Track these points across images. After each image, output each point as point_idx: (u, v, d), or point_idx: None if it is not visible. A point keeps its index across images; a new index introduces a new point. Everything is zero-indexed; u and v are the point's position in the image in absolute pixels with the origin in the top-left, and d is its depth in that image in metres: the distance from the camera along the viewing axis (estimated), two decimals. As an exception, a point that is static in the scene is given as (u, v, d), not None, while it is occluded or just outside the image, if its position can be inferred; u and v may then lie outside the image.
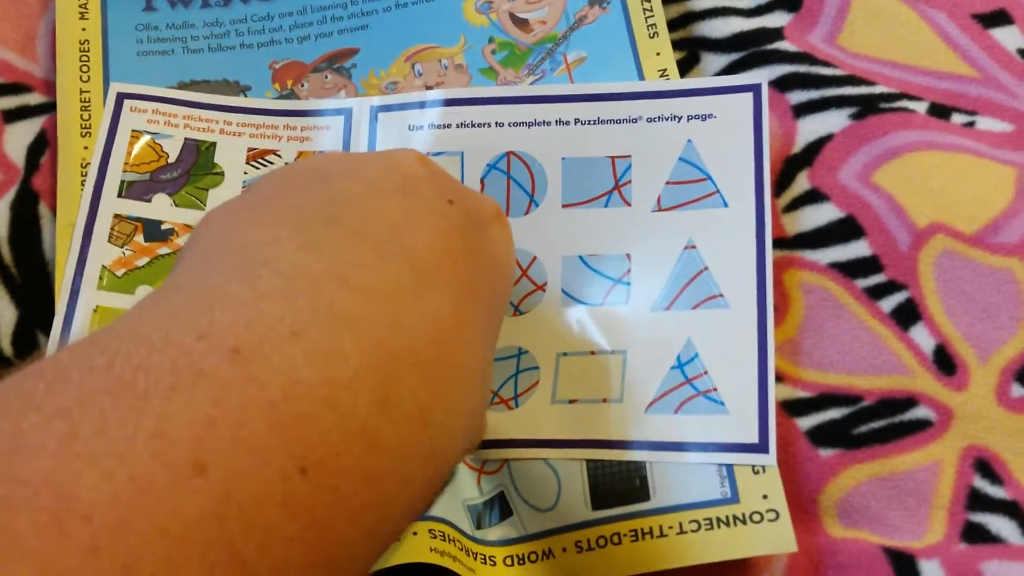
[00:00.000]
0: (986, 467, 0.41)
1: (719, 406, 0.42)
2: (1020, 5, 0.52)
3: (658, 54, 0.49)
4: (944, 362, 0.43)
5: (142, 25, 0.52)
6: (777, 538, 0.39)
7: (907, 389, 0.43)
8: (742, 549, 0.39)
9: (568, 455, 0.42)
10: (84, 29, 0.52)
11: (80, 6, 0.52)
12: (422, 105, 0.48)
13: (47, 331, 0.44)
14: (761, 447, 0.41)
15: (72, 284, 0.45)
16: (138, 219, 0.47)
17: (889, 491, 0.41)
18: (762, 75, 0.48)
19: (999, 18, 0.52)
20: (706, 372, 0.42)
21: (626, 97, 0.47)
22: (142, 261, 0.46)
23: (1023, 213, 0.45)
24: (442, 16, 0.52)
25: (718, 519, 0.39)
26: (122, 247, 0.46)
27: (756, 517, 0.39)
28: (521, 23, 0.51)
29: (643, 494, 0.41)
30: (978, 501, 0.41)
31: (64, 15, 0.52)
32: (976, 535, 0.40)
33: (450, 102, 0.48)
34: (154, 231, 0.47)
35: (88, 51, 0.51)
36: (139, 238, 0.46)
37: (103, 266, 0.45)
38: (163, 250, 0.46)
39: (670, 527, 0.40)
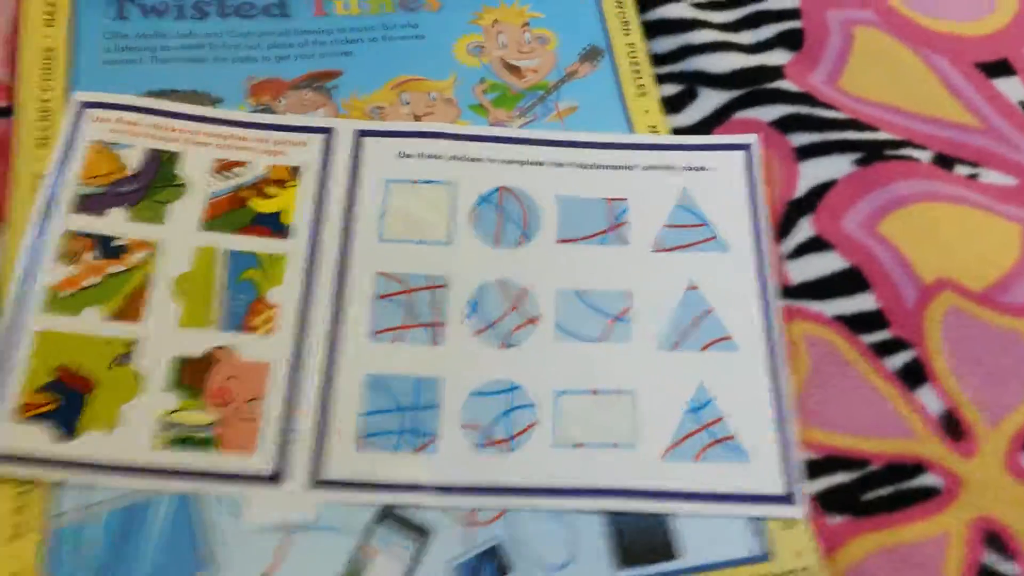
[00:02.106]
0: (996, 540, 0.37)
1: (740, 454, 0.38)
2: (1022, 56, 0.48)
3: (647, 111, 0.47)
4: (952, 427, 0.40)
5: (111, 33, 0.47)
6: None
7: (914, 454, 0.39)
8: None
9: (581, 505, 0.37)
10: (49, 36, 0.47)
11: (46, 13, 0.47)
12: (414, 135, 0.45)
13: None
14: (788, 499, 0.38)
15: (15, 305, 0.39)
16: (89, 235, 0.41)
17: (898, 564, 0.37)
18: (761, 114, 0.46)
19: (1001, 68, 0.49)
20: (722, 418, 0.39)
21: (621, 147, 0.45)
22: (90, 281, 0.40)
23: (1030, 272, 0.42)
24: (433, 52, 0.49)
25: None
26: (70, 266, 0.40)
27: (793, 574, 0.36)
28: (513, 69, 0.49)
29: (669, 551, 0.37)
30: (990, 578, 0.37)
31: (30, 21, 0.47)
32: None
33: (444, 135, 0.45)
34: (106, 247, 0.41)
35: (52, 58, 0.46)
36: (88, 255, 0.41)
37: (48, 287, 0.40)
38: (114, 268, 0.41)
39: None
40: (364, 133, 0.45)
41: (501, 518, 0.37)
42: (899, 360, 0.41)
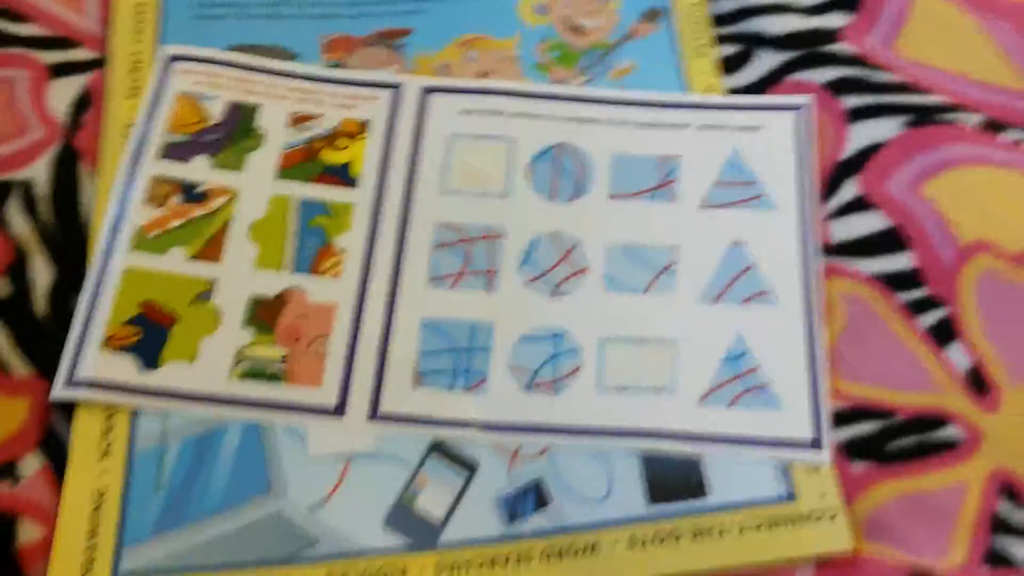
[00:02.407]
0: (1012, 492, 0.38)
1: (773, 402, 0.40)
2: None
3: (703, 72, 0.48)
4: (977, 382, 0.40)
5: (200, -10, 0.50)
6: (833, 537, 0.37)
7: (939, 407, 0.40)
8: (800, 548, 0.37)
9: (621, 445, 0.39)
10: (141, -9, 0.49)
11: (140, -30, 0.50)
12: (478, 92, 0.47)
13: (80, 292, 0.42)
14: (815, 444, 0.39)
15: (105, 244, 0.43)
16: (176, 180, 0.44)
17: (916, 510, 0.38)
18: (815, 76, 0.46)
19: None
20: (758, 367, 0.40)
21: (676, 106, 0.46)
22: (176, 223, 0.43)
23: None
24: (497, 11, 0.50)
25: (777, 518, 0.37)
26: (157, 208, 0.43)
27: (816, 515, 0.37)
28: (575, 28, 0.50)
29: (700, 489, 0.38)
30: (1001, 526, 0.38)
31: (123, -23, 0.50)
32: (998, 559, 0.37)
33: (507, 92, 0.47)
34: (190, 192, 0.44)
35: (144, 12, 0.49)
36: (175, 199, 0.44)
37: (137, 227, 0.43)
38: (197, 212, 0.44)
39: (730, 525, 0.37)
40: (430, 90, 0.47)
41: (544, 455, 0.39)
42: (932, 318, 0.41)
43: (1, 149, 0.45)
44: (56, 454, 0.39)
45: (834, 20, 0.49)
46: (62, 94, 0.47)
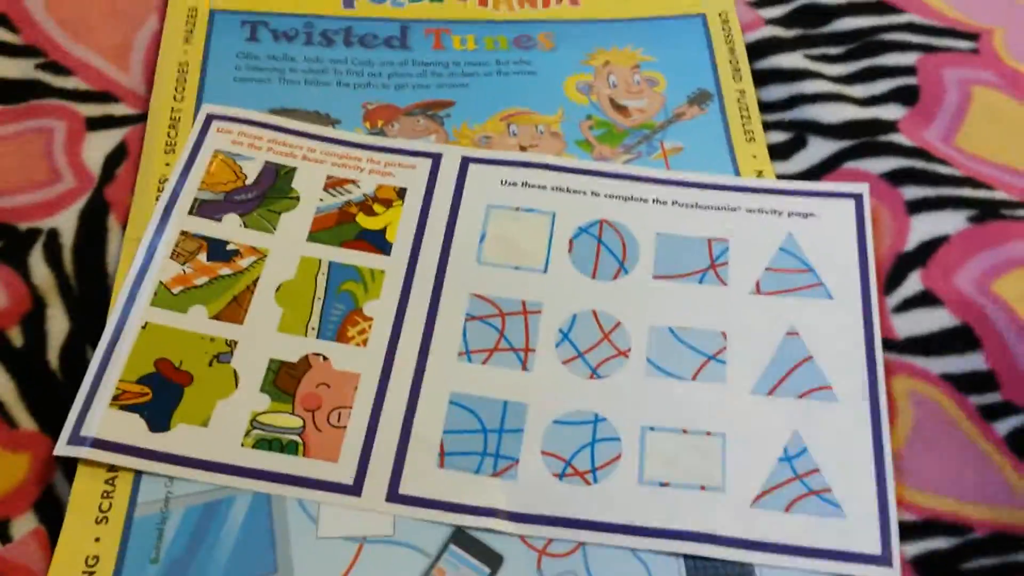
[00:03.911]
0: None
1: (835, 509, 0.35)
2: None
3: (755, 156, 0.45)
4: None
5: (243, 54, 0.48)
6: None
7: (1022, 525, 0.35)
8: None
9: (662, 546, 0.34)
10: (186, 52, 0.47)
11: (187, 31, 0.48)
12: (519, 164, 0.44)
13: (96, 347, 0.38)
14: (884, 560, 0.34)
15: (127, 298, 0.39)
16: (205, 237, 0.41)
17: None
18: (872, 166, 0.43)
19: None
20: (818, 469, 0.36)
21: (725, 188, 0.43)
22: (201, 280, 0.40)
23: None
24: (543, 88, 0.47)
25: None
26: (183, 264, 0.40)
27: None
28: (620, 108, 0.47)
29: None
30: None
31: (170, 37, 0.48)
32: None
33: (548, 166, 0.44)
34: (219, 251, 0.41)
35: (186, 72, 0.47)
36: (202, 256, 0.40)
37: (160, 282, 0.39)
38: (224, 271, 0.40)
39: None
40: (470, 160, 0.44)
41: (577, 551, 0.34)
42: (1008, 425, 0.37)
43: (32, 196, 0.42)
44: (52, 516, 0.35)
45: (891, 112, 0.46)
46: (98, 146, 0.44)
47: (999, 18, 0.50)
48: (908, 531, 0.35)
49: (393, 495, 0.35)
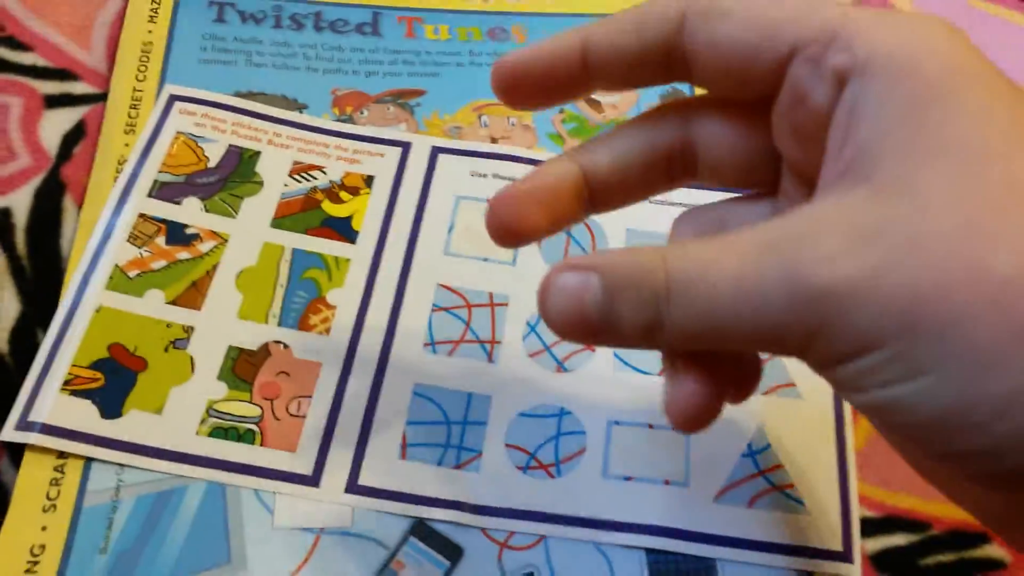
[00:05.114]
0: None
1: (798, 505, 0.34)
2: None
3: None
4: None
5: (209, 35, 0.46)
6: None
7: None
8: None
9: (625, 540, 0.34)
10: (150, 31, 0.45)
11: (152, 10, 0.46)
12: (489, 155, 0.43)
13: (47, 330, 0.37)
14: (845, 556, 0.33)
15: (81, 280, 0.37)
16: (164, 220, 0.39)
17: None
18: None
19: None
20: (781, 465, 0.35)
21: (697, 185, 0.41)
22: (158, 264, 0.38)
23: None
24: None
25: None
26: (140, 248, 0.39)
27: None
28: (593, 103, 0.46)
29: None
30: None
31: (134, 15, 0.46)
32: None
33: (519, 159, 0.43)
34: (178, 234, 0.39)
35: (150, 52, 0.45)
36: (160, 240, 0.39)
37: (116, 265, 0.38)
38: (183, 255, 0.39)
39: None
40: (439, 150, 0.43)
41: (539, 545, 0.33)
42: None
43: (-17, 175, 0.40)
44: (-3, 504, 0.33)
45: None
46: (56, 125, 0.42)
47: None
48: (869, 527, 0.34)
49: (352, 486, 0.34)
